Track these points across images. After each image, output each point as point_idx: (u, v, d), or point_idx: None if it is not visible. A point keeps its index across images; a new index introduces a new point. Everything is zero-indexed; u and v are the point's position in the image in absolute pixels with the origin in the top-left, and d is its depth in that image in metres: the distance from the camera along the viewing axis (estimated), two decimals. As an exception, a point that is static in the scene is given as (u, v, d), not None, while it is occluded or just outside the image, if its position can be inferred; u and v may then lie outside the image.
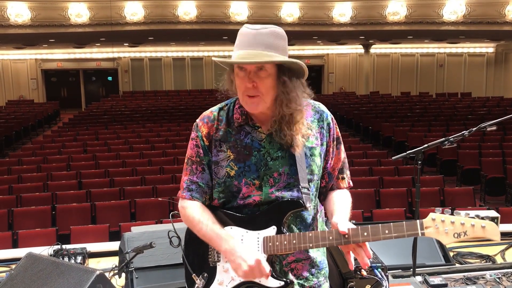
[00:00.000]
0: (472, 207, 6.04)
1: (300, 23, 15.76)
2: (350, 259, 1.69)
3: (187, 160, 1.87)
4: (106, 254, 3.51)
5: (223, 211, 1.80)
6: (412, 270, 2.89)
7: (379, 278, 2.36)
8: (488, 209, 5.00)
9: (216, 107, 1.87)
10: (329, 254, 2.43)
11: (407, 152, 2.90)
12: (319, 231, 1.76)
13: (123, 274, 2.80)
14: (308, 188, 1.76)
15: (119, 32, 15.27)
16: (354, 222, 1.90)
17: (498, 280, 2.90)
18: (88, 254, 3.43)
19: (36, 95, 21.25)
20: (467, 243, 3.53)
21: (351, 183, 1.97)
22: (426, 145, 2.83)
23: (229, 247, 1.70)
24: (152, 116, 14.61)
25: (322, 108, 1.88)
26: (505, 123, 8.61)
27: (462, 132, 2.84)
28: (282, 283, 1.70)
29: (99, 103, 18.08)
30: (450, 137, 2.81)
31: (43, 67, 21.60)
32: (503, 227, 3.77)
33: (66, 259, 3.21)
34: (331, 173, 1.90)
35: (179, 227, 2.02)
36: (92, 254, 3.48)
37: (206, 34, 16.03)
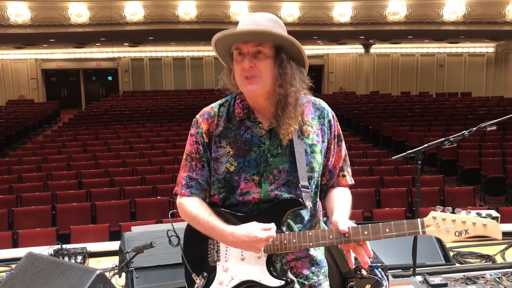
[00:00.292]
0: (472, 207, 6.04)
1: (300, 23, 15.76)
2: (351, 258, 1.67)
3: (186, 156, 1.86)
4: (106, 253, 3.51)
5: (223, 210, 1.79)
6: (412, 269, 2.89)
7: (379, 278, 2.36)
8: (488, 208, 4.98)
9: (217, 103, 1.87)
10: (329, 254, 2.42)
11: (407, 152, 2.90)
12: (319, 230, 1.74)
13: (123, 274, 2.80)
14: (308, 186, 1.74)
15: (119, 32, 15.27)
16: (354, 222, 1.90)
17: (498, 280, 2.90)
18: (88, 254, 3.43)
19: (36, 95, 21.26)
20: (467, 242, 3.53)
21: (352, 181, 1.94)
22: (426, 145, 2.83)
23: (230, 234, 1.68)
24: (152, 116, 14.60)
25: (323, 105, 1.87)
26: (505, 123, 8.61)
27: (462, 132, 2.84)
28: (282, 283, 1.69)
29: (99, 103, 18.07)
30: (450, 137, 2.80)
31: (43, 67, 21.60)
32: (503, 227, 3.76)
33: (66, 258, 3.21)
34: (332, 170, 1.89)
35: (178, 226, 2.01)
36: (92, 253, 3.48)
37: (206, 34, 15.98)
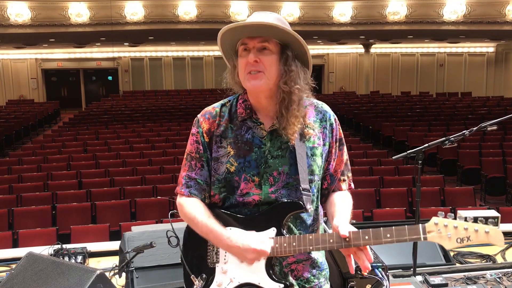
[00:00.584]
0: (473, 207, 6.04)
1: (300, 22, 15.75)
2: (351, 263, 1.65)
3: (186, 155, 1.85)
4: (107, 253, 3.50)
5: (222, 211, 1.78)
6: (412, 269, 2.88)
7: (380, 278, 2.35)
8: (489, 208, 4.97)
9: (219, 103, 1.86)
10: (329, 254, 2.42)
11: (408, 151, 2.89)
12: (320, 233, 1.72)
13: (124, 274, 2.80)
14: (309, 189, 1.73)
15: (119, 31, 15.27)
16: (355, 222, 1.89)
17: (499, 279, 2.90)
18: (89, 254, 3.42)
19: (36, 95, 21.26)
20: (467, 242, 3.52)
21: (352, 185, 1.93)
22: (426, 144, 2.82)
23: (226, 238, 1.68)
24: (152, 116, 14.59)
25: (325, 108, 1.86)
26: (505, 122, 8.60)
27: (463, 131, 2.83)
28: (281, 286, 1.68)
29: (99, 103, 18.06)
30: (450, 136, 2.79)
31: (43, 66, 21.60)
32: (503, 227, 3.76)
33: (67, 258, 3.20)
34: (333, 175, 1.87)
35: (178, 227, 2.01)
36: (92, 253, 3.48)
37: (206, 34, 16.00)
